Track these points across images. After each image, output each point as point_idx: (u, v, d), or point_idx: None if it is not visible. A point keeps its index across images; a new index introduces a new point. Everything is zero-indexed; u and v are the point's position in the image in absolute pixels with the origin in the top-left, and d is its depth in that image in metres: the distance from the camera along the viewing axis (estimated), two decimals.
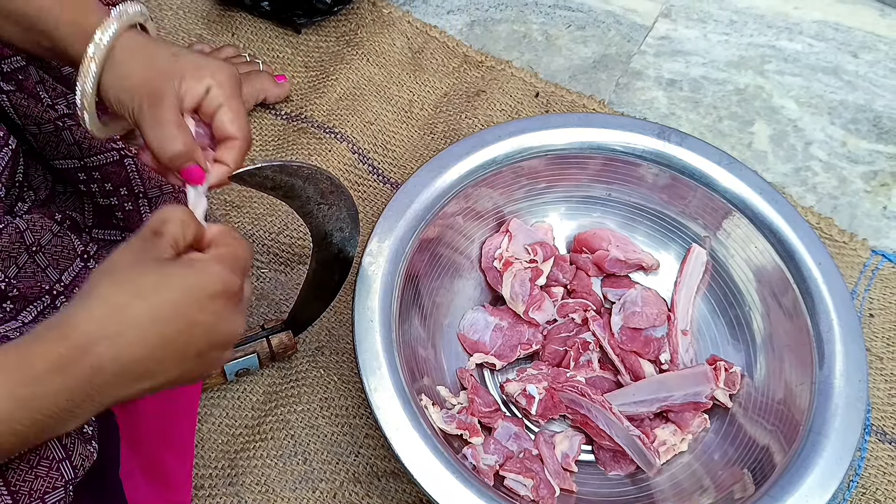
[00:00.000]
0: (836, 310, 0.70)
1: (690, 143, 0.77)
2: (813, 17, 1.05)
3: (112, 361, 0.44)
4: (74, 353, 0.43)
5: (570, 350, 0.75)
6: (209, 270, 0.47)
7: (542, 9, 1.05)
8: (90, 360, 0.43)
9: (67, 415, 0.44)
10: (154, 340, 0.45)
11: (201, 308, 0.46)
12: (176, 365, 0.47)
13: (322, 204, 0.62)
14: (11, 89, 0.62)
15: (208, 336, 0.47)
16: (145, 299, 0.45)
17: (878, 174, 0.93)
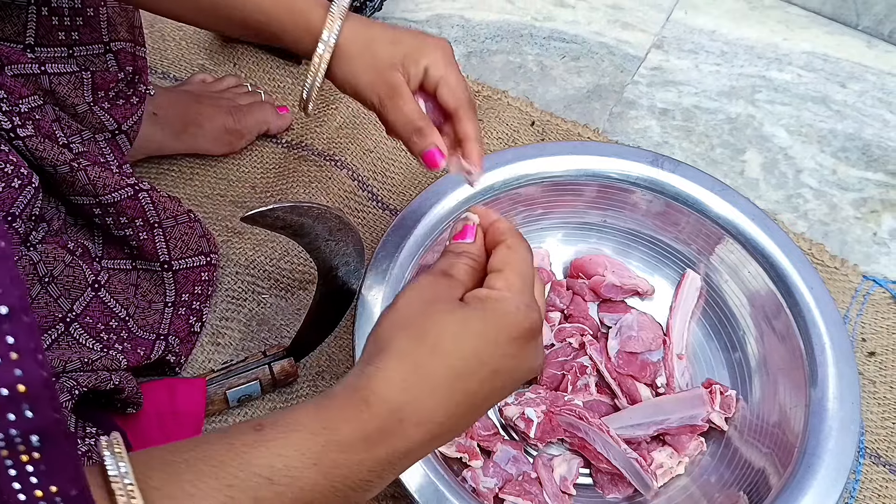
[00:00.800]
0: (829, 333, 0.71)
1: (683, 171, 0.79)
2: (802, 49, 1.07)
3: (417, 428, 0.40)
4: (379, 422, 0.39)
5: (567, 374, 0.76)
6: (508, 309, 0.43)
7: (536, 40, 1.07)
8: (394, 429, 0.40)
9: (366, 485, 0.40)
10: (458, 398, 0.41)
11: (502, 353, 0.42)
12: (478, 412, 0.44)
13: (329, 240, 0.63)
14: (29, 134, 0.63)
15: (511, 378, 0.44)
16: (446, 355, 0.41)
17: (868, 201, 0.95)
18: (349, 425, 0.39)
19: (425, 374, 0.40)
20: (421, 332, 0.41)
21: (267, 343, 0.79)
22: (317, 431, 0.38)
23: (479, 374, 0.42)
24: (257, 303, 0.81)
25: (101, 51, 0.72)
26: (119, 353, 0.68)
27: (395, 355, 0.41)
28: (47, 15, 0.67)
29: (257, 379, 0.73)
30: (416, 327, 0.42)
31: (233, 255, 0.84)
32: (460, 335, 0.41)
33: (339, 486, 0.39)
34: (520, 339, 0.42)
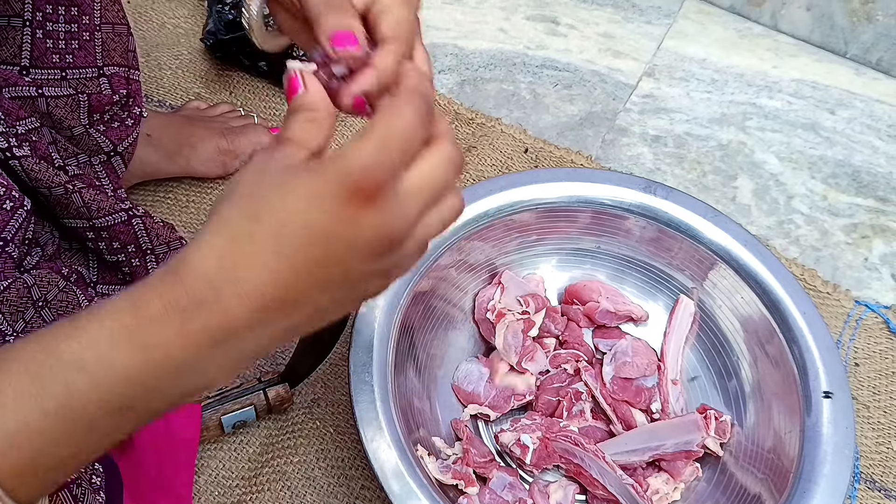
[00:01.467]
0: (822, 358, 0.71)
1: (676, 197, 0.80)
2: (791, 76, 1.09)
3: (235, 294, 0.36)
4: (190, 289, 0.36)
5: (562, 400, 0.76)
6: (338, 167, 0.36)
7: (529, 69, 1.08)
8: (209, 295, 0.36)
9: (195, 366, 0.37)
10: (286, 267, 0.37)
11: (334, 216, 0.36)
12: (322, 290, 0.38)
13: None
14: (25, 154, 0.64)
15: (352, 248, 0.37)
16: (267, 221, 0.37)
17: (859, 227, 0.96)
18: (161, 300, 0.36)
19: (244, 241, 0.36)
20: (242, 200, 0.37)
21: (262, 370, 0.79)
22: (128, 310, 0.36)
23: (310, 241, 0.37)
24: None
25: (94, 74, 0.72)
26: None
27: (213, 227, 0.37)
28: (42, 38, 0.67)
29: (252, 405, 0.73)
30: (239, 196, 0.38)
31: None
32: (284, 198, 0.37)
33: (162, 367, 0.36)
34: (353, 200, 0.36)
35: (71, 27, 0.68)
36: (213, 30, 0.98)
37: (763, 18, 1.14)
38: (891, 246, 0.95)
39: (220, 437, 0.74)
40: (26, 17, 0.65)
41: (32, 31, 0.66)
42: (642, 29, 1.13)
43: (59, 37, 0.67)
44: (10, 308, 0.61)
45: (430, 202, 0.40)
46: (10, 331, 0.61)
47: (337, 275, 0.38)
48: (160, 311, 0.36)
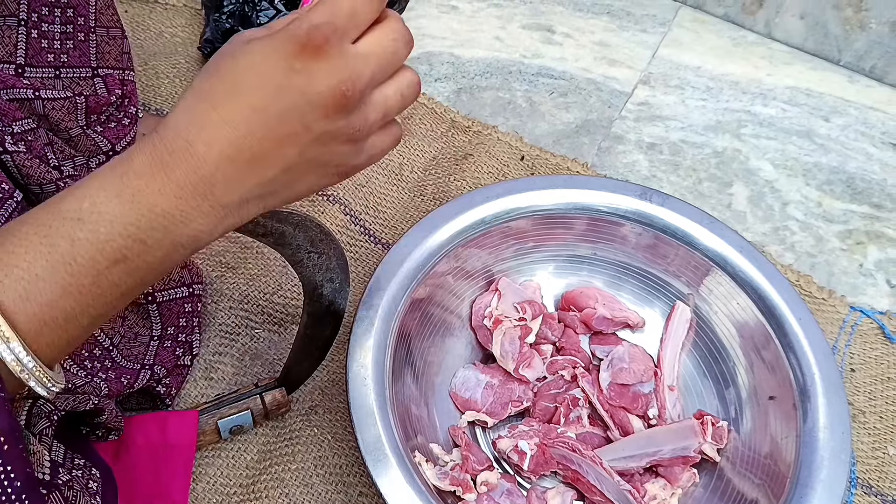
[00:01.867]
0: (818, 363, 0.72)
1: (672, 204, 0.80)
2: (785, 84, 1.10)
3: (206, 146, 0.41)
4: (166, 145, 0.41)
5: (560, 406, 0.76)
6: (288, 29, 0.41)
7: (525, 77, 1.09)
8: (184, 148, 0.41)
9: (180, 217, 0.41)
10: (242, 113, 0.41)
11: (284, 70, 0.41)
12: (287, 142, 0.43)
13: (312, 252, 0.64)
14: (18, 150, 0.64)
15: (304, 96, 0.42)
16: (223, 76, 0.42)
17: (853, 233, 0.97)
18: (145, 155, 0.41)
19: (206, 96, 0.41)
20: (208, 68, 0.43)
21: (259, 377, 0.79)
22: (114, 167, 0.41)
23: (263, 90, 0.41)
24: (250, 337, 0.82)
25: (88, 74, 0.73)
26: (102, 381, 0.68)
27: (189, 91, 0.43)
28: (37, 38, 0.68)
29: (249, 409, 0.73)
30: (210, 64, 0.43)
31: (226, 290, 0.84)
32: (240, 58, 0.42)
33: (149, 217, 0.41)
34: (300, 53, 0.41)
35: (66, 28, 0.69)
36: (211, 38, 0.98)
37: (757, 27, 1.15)
38: (885, 252, 0.95)
39: (217, 443, 0.74)
40: (21, 17, 0.66)
41: (28, 31, 0.66)
42: (637, 37, 1.14)
43: (53, 37, 0.68)
44: None
45: (381, 69, 0.44)
46: None
47: (298, 128, 0.42)
48: (145, 165, 0.41)
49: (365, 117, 0.45)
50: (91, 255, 0.40)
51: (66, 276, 0.40)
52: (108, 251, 0.40)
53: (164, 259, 0.43)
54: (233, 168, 0.42)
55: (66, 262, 0.39)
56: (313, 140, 0.43)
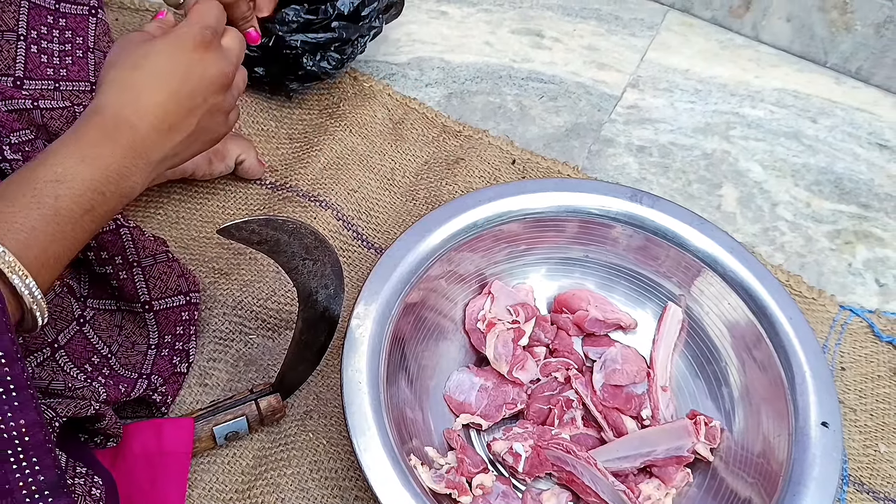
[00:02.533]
0: (809, 362, 0.72)
1: (662, 206, 0.81)
2: (773, 86, 1.11)
3: (138, 118, 0.56)
4: (110, 123, 0.55)
5: (553, 408, 0.77)
6: (178, 33, 0.60)
7: (515, 81, 1.09)
8: (122, 124, 0.55)
9: (127, 173, 0.55)
10: (163, 94, 0.57)
11: (189, 60, 0.59)
12: (192, 113, 0.60)
13: (307, 259, 0.64)
14: (16, 158, 0.64)
15: (203, 79, 0.60)
16: (142, 67, 0.58)
17: (842, 233, 0.97)
18: (93, 129, 0.55)
19: (131, 82, 0.57)
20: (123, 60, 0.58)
21: (254, 382, 0.79)
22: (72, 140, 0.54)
23: (176, 76, 0.58)
24: (244, 343, 0.82)
25: (87, 88, 0.73)
26: (101, 385, 0.68)
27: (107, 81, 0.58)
28: (37, 52, 0.68)
29: (244, 415, 0.73)
30: (117, 60, 0.59)
31: (220, 296, 0.84)
32: (152, 52, 0.58)
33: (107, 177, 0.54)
34: (196, 48, 0.59)
35: (65, 46, 0.70)
36: None
37: (744, 30, 1.16)
38: (874, 251, 0.96)
39: (213, 449, 0.74)
40: (20, 33, 0.66)
41: (27, 46, 0.67)
42: (626, 41, 1.15)
43: (52, 53, 0.69)
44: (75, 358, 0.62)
45: (238, 59, 0.65)
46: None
47: (200, 102, 0.60)
48: (98, 137, 0.55)
49: (233, 94, 0.65)
50: (70, 208, 0.51)
51: (54, 226, 0.51)
52: (82, 202, 0.52)
53: (115, 207, 0.56)
54: (158, 134, 0.58)
55: (53, 215, 0.51)
56: (207, 111, 0.61)
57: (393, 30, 1.12)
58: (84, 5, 0.75)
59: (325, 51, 0.97)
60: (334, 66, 0.98)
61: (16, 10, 0.67)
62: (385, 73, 1.08)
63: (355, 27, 0.97)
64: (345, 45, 0.98)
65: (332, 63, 0.98)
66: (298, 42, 0.94)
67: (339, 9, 0.96)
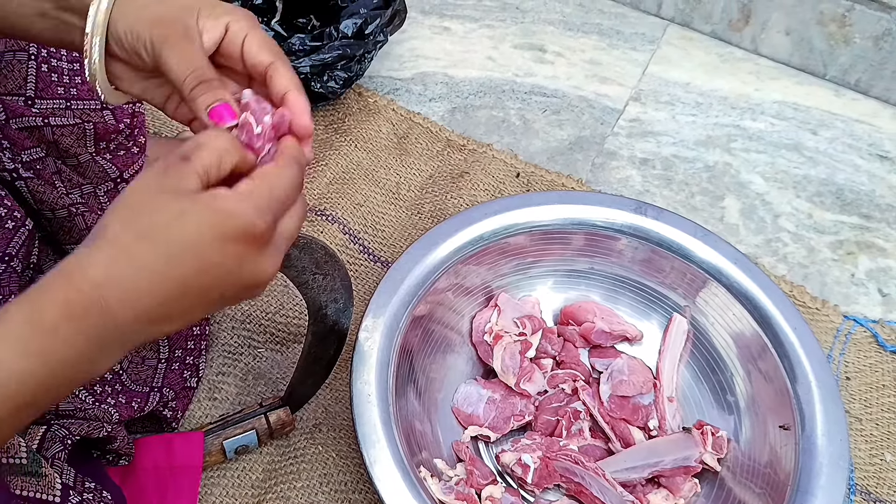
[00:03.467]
0: (814, 372, 0.73)
1: (666, 217, 0.82)
2: (773, 98, 1.12)
3: (122, 306, 0.40)
4: (81, 298, 0.40)
5: (561, 419, 0.77)
6: (228, 209, 0.42)
7: (518, 95, 1.10)
8: (98, 304, 0.40)
9: (87, 363, 0.41)
10: (169, 285, 0.41)
11: (219, 251, 0.42)
12: (198, 308, 0.44)
13: (317, 274, 0.64)
14: (30, 176, 0.65)
15: (232, 278, 0.43)
16: (155, 240, 0.41)
17: (844, 243, 0.98)
18: (54, 306, 0.39)
19: (132, 256, 0.40)
20: (136, 217, 0.41)
21: (263, 396, 0.79)
22: (24, 319, 0.39)
23: (191, 265, 0.41)
24: (253, 357, 0.82)
25: (98, 107, 0.74)
26: (111, 406, 0.68)
27: (104, 236, 0.41)
28: (47, 71, 0.69)
29: (254, 429, 0.73)
30: (133, 209, 0.42)
31: (228, 311, 0.84)
32: (174, 222, 0.41)
33: (58, 370, 0.40)
34: (240, 241, 0.42)
35: (73, 66, 0.70)
36: None
37: (744, 43, 1.17)
38: (876, 262, 0.97)
39: (223, 463, 0.75)
40: (31, 52, 0.67)
41: (38, 65, 0.67)
42: (627, 55, 1.16)
43: (62, 72, 0.69)
44: None
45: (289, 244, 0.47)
46: None
47: (213, 298, 0.43)
48: (55, 320, 0.39)
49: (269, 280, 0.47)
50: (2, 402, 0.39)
51: None
52: (19, 399, 0.39)
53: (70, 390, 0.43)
54: (142, 325, 0.42)
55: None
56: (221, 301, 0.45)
57: (396, 45, 1.13)
58: None
59: (332, 70, 0.98)
60: (342, 85, 0.99)
61: None
62: (389, 89, 1.09)
63: (360, 43, 0.98)
64: (351, 63, 0.99)
65: (340, 82, 0.99)
66: (308, 67, 0.96)
67: (342, 31, 0.97)
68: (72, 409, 0.63)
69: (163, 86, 0.52)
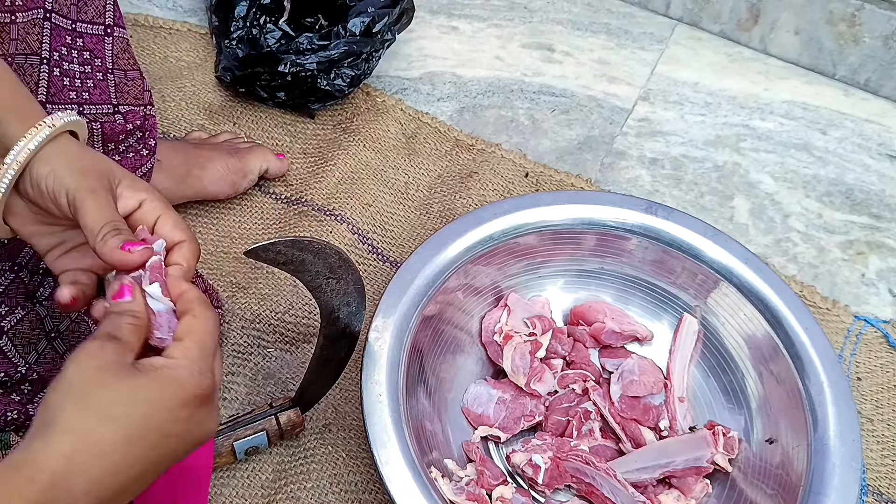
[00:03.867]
0: (826, 372, 0.72)
1: (677, 217, 0.81)
2: (782, 98, 1.11)
3: (86, 494, 0.41)
4: (44, 493, 0.40)
5: (572, 420, 0.77)
6: (176, 378, 0.45)
7: (527, 95, 1.10)
8: (62, 498, 0.40)
9: None
10: (129, 462, 0.43)
11: (174, 419, 0.44)
12: (152, 475, 0.45)
13: (330, 278, 0.64)
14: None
15: (184, 442, 0.46)
16: (114, 421, 0.42)
17: (854, 243, 0.98)
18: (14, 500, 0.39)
19: (93, 441, 0.42)
20: (90, 401, 0.43)
21: (273, 396, 0.79)
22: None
23: (151, 439, 0.43)
24: (263, 357, 0.82)
25: (109, 111, 0.74)
26: None
27: (61, 426, 0.41)
28: (59, 76, 0.69)
29: (264, 430, 0.73)
30: (83, 395, 0.43)
31: (238, 310, 0.84)
32: (129, 402, 0.43)
33: None
34: (191, 405, 0.45)
35: (84, 68, 0.70)
36: (229, 66, 0.99)
37: (752, 42, 1.17)
38: (886, 262, 0.96)
39: (233, 464, 0.75)
40: (44, 56, 0.67)
41: (49, 69, 0.67)
42: (636, 55, 1.16)
43: (74, 75, 0.69)
44: (22, 340, 0.62)
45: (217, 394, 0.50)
46: (23, 362, 0.62)
47: (167, 463, 0.46)
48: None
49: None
50: None
51: None
52: None
53: None
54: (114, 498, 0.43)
55: None
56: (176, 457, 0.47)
57: (404, 45, 1.13)
58: (99, 24, 0.76)
59: (339, 68, 0.98)
60: (349, 84, 0.99)
61: (39, 31, 0.68)
62: (397, 88, 1.09)
63: (368, 41, 0.98)
64: (358, 61, 0.98)
65: (347, 80, 0.99)
66: (314, 64, 0.95)
67: (350, 30, 0.97)
68: None
69: (54, 234, 0.54)
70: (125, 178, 0.53)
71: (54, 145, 0.52)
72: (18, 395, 0.62)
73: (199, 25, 1.11)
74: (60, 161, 0.51)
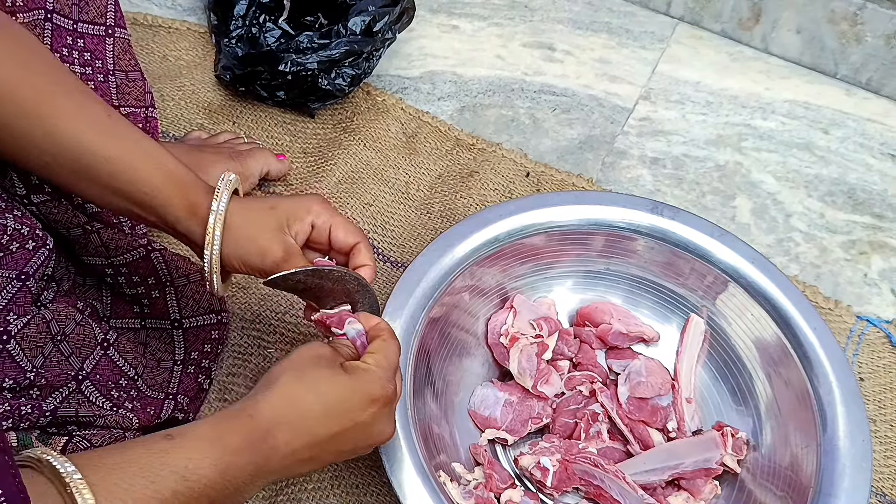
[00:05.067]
0: (834, 372, 0.72)
1: (683, 217, 0.81)
2: (784, 97, 1.11)
3: (286, 445, 0.52)
4: (259, 434, 0.51)
5: (580, 422, 0.76)
6: (371, 378, 0.56)
7: (527, 94, 1.10)
8: (269, 441, 0.51)
9: (246, 486, 0.51)
10: (322, 431, 0.54)
11: (363, 409, 0.55)
12: (333, 454, 0.56)
13: (347, 303, 0.64)
14: (43, 199, 0.64)
15: (364, 434, 0.56)
16: (319, 395, 0.54)
17: (857, 243, 0.98)
18: (238, 436, 0.51)
19: (299, 404, 0.53)
20: (303, 375, 0.54)
21: None
22: (215, 441, 0.50)
23: (341, 418, 0.54)
24: (263, 357, 0.81)
25: None
26: (129, 411, 0.68)
27: (278, 388, 0.53)
28: None
29: None
30: (301, 371, 0.55)
31: (238, 311, 0.83)
32: (332, 384, 0.54)
33: (231, 482, 0.50)
34: (377, 403, 0.55)
35: (85, 69, 0.69)
36: (229, 65, 0.98)
37: (754, 42, 1.16)
38: (889, 262, 0.96)
39: None
40: None
41: None
42: (637, 54, 1.15)
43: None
44: (29, 344, 0.61)
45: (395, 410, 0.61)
46: (30, 366, 0.61)
47: (348, 446, 0.57)
48: (240, 446, 0.50)
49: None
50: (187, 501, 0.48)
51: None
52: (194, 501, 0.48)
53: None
54: (293, 463, 0.54)
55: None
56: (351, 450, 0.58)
57: (405, 44, 1.12)
58: (100, 25, 0.75)
59: (340, 67, 0.97)
60: (350, 83, 0.98)
61: (40, 32, 0.67)
62: (398, 87, 1.08)
63: (369, 40, 0.97)
64: (359, 60, 0.98)
65: (348, 80, 0.98)
66: (315, 63, 0.95)
67: (351, 29, 0.97)
68: (91, 417, 0.62)
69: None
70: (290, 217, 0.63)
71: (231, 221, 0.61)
72: (27, 399, 0.61)
73: (199, 24, 1.10)
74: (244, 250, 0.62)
